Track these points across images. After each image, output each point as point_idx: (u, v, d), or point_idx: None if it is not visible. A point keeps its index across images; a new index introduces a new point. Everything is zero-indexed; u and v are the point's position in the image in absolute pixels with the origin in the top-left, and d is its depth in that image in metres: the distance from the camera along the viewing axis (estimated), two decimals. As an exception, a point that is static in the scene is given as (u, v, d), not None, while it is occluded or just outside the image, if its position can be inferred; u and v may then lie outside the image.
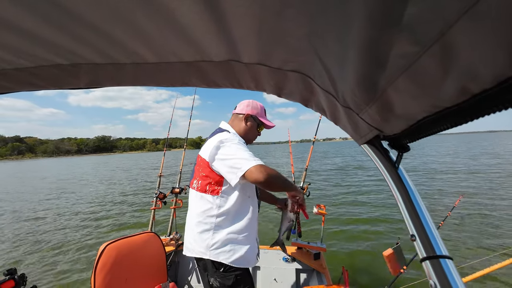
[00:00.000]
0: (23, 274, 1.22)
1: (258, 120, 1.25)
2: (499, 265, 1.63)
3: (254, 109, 1.24)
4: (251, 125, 1.24)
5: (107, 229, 4.87)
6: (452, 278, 0.37)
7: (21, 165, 41.76)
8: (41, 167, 29.54)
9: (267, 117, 1.30)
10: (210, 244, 1.05)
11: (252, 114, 1.23)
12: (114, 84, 0.59)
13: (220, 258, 1.04)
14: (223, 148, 1.04)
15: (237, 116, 1.25)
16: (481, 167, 10.31)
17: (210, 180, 1.07)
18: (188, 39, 0.40)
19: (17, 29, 0.37)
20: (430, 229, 0.42)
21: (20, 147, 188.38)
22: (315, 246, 1.89)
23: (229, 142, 1.05)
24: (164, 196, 2.28)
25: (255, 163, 0.96)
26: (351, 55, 0.32)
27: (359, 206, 5.52)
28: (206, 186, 1.08)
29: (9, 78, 0.53)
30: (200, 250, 1.07)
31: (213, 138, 1.10)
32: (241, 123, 1.23)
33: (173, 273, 2.05)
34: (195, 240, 1.09)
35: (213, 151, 1.04)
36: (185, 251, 1.16)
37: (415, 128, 0.38)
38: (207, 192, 1.08)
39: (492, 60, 0.20)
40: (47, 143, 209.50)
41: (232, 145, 1.04)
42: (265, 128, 1.30)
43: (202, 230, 1.07)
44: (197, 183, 1.12)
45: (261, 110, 1.26)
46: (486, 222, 4.18)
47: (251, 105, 1.24)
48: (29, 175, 19.34)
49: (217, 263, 1.05)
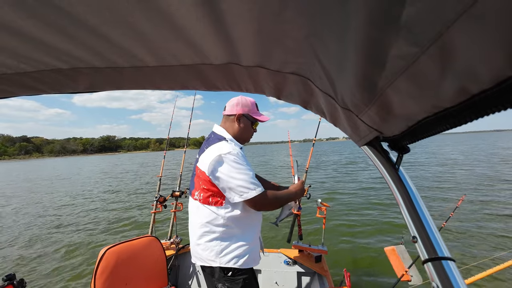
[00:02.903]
0: (22, 279, 1.22)
1: (251, 118, 1.18)
2: (502, 266, 1.62)
3: (245, 107, 1.16)
4: (245, 125, 1.17)
5: (108, 232, 4.85)
6: (454, 280, 0.37)
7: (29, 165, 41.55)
8: (51, 166, 29.55)
9: (259, 111, 1.23)
10: (219, 251, 1.05)
11: (244, 113, 1.16)
12: (113, 88, 0.59)
13: (231, 263, 1.04)
14: (223, 166, 1.00)
15: (228, 117, 1.18)
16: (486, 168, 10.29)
17: (212, 193, 1.05)
18: (187, 42, 0.40)
19: (18, 34, 0.37)
20: (431, 230, 0.42)
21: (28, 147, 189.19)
22: (317, 248, 1.88)
23: (228, 158, 1.00)
24: (164, 199, 2.27)
25: (257, 193, 1.00)
26: (350, 56, 0.32)
27: (361, 207, 5.50)
28: (209, 198, 1.06)
29: (10, 82, 0.53)
30: (210, 259, 1.06)
31: (211, 151, 1.05)
32: (234, 125, 1.16)
33: (173, 277, 2.03)
34: (203, 249, 1.08)
35: (212, 167, 1.01)
36: (194, 260, 1.16)
37: (414, 129, 0.38)
38: (211, 204, 1.06)
39: (490, 60, 0.20)
40: (54, 143, 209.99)
41: (232, 163, 1.00)
42: (260, 122, 1.23)
43: (210, 239, 1.06)
44: (198, 195, 1.09)
45: (252, 106, 1.18)
46: (489, 222, 4.16)
47: (240, 103, 1.15)
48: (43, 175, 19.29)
49: (226, 268, 1.05)
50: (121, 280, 1.38)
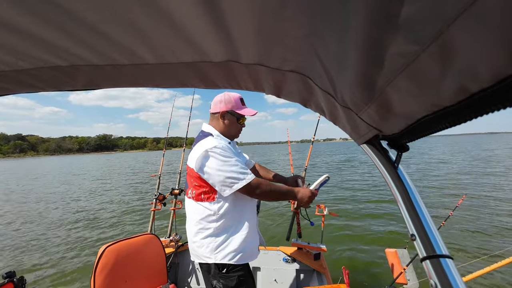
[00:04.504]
0: (22, 276, 1.22)
1: (236, 114, 1.17)
2: (499, 264, 1.63)
3: (228, 104, 1.16)
4: (230, 121, 1.18)
5: (107, 229, 4.85)
6: (452, 278, 0.37)
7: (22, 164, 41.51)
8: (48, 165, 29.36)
9: (245, 105, 1.21)
10: (214, 248, 1.06)
11: (228, 110, 1.16)
12: (113, 85, 0.59)
13: (226, 259, 1.05)
14: (210, 160, 1.01)
15: (214, 115, 1.19)
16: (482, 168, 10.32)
17: (203, 189, 1.07)
18: (187, 40, 0.40)
19: (16, 31, 0.37)
20: (430, 228, 0.42)
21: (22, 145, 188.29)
22: (315, 246, 1.89)
23: (214, 152, 1.01)
24: (164, 197, 2.28)
25: (247, 181, 1.01)
26: (350, 54, 0.32)
27: (359, 204, 5.52)
28: (201, 195, 1.08)
29: (8, 80, 0.53)
30: (205, 255, 1.07)
31: (197, 147, 1.06)
32: (219, 122, 1.18)
33: (173, 275, 2.04)
34: (198, 246, 1.09)
35: (199, 163, 1.03)
36: (193, 258, 1.17)
37: (414, 127, 0.38)
38: (203, 200, 1.07)
39: (490, 59, 0.20)
40: (49, 142, 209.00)
41: (218, 156, 1.01)
42: (248, 116, 1.21)
43: (204, 236, 1.08)
44: (191, 193, 1.11)
45: (236, 102, 1.17)
46: (487, 221, 4.19)
47: (224, 101, 1.16)
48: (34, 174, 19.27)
49: (221, 264, 1.06)
50: (121, 278, 1.38)
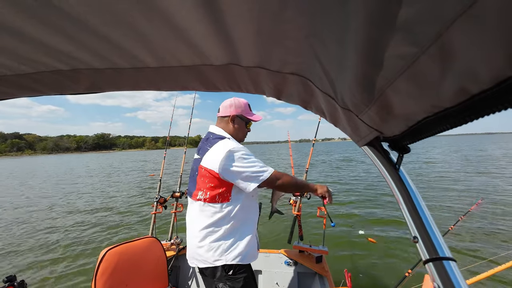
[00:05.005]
0: (23, 280, 1.22)
1: (245, 118, 1.23)
2: (504, 267, 1.61)
3: (238, 108, 1.21)
4: (239, 125, 1.23)
5: (108, 233, 4.84)
6: (456, 280, 0.36)
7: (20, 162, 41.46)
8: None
9: (252, 111, 1.28)
10: (225, 249, 1.06)
11: (237, 114, 1.21)
12: (114, 88, 0.59)
13: (236, 260, 1.06)
14: (235, 160, 1.04)
15: (223, 119, 1.23)
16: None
17: (220, 190, 1.07)
18: (188, 43, 0.40)
19: (18, 35, 0.37)
20: (432, 230, 0.42)
21: (20, 143, 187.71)
22: (317, 249, 1.88)
23: (238, 152, 1.06)
24: (165, 200, 2.27)
25: (270, 172, 1.08)
26: (350, 56, 0.32)
27: (361, 206, 5.49)
28: (216, 196, 1.07)
29: (9, 84, 0.53)
30: (215, 258, 1.06)
31: (217, 148, 1.08)
32: (229, 125, 1.21)
33: (174, 278, 2.03)
34: (206, 250, 1.08)
35: (223, 163, 1.03)
36: (192, 263, 1.15)
37: (415, 129, 0.38)
38: (217, 201, 1.07)
39: (490, 60, 0.20)
40: (47, 140, 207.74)
41: (243, 156, 1.06)
42: (254, 122, 1.29)
43: (215, 238, 1.07)
44: (203, 194, 1.09)
45: (245, 107, 1.23)
46: (493, 224, 4.15)
47: (234, 105, 1.21)
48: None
49: (228, 266, 1.06)
50: (122, 281, 1.38)
